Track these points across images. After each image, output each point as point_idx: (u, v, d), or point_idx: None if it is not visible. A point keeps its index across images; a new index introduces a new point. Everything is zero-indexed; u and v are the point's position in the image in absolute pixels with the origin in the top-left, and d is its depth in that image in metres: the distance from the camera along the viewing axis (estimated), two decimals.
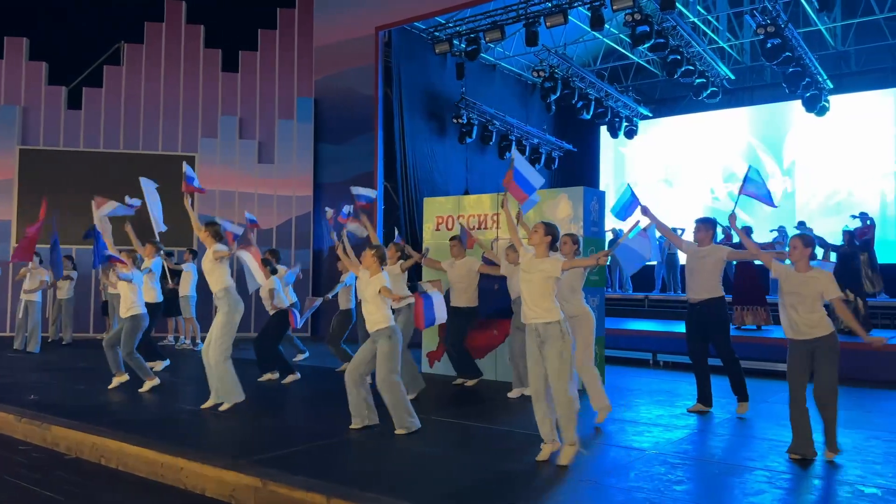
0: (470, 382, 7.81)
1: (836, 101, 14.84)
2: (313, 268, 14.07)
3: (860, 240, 10.84)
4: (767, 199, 5.99)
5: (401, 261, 7.29)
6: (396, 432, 5.36)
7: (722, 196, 16.80)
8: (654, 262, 15.08)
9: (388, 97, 13.80)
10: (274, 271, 7.87)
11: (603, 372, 7.86)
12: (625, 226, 6.58)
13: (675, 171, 17.71)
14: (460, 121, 15.08)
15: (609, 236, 15.20)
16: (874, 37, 14.99)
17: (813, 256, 4.95)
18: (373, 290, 5.44)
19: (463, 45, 14.03)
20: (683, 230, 12.17)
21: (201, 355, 6.49)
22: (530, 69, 16.09)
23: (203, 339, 9.99)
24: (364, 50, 13.81)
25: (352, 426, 5.49)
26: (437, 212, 8.89)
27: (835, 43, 15.23)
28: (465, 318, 7.61)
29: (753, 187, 5.97)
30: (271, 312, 7.94)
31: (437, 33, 14.29)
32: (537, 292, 4.62)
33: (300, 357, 9.49)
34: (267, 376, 8.13)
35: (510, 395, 7.13)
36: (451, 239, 7.81)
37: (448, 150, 15.39)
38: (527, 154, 17.00)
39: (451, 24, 14.12)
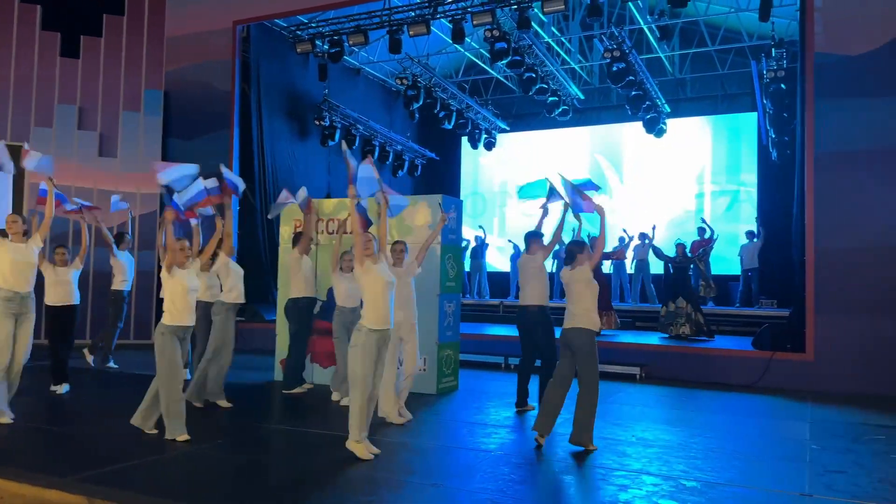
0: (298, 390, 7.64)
1: (673, 124, 16.16)
2: (157, 270, 13.24)
3: (693, 252, 11.84)
4: (578, 207, 6.17)
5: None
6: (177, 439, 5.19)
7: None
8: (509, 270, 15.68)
9: (245, 94, 13.32)
10: None
11: (457, 376, 8.04)
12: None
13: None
14: (322, 123, 14.87)
15: (471, 244, 15.61)
16: (707, 67, 16.49)
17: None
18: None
19: (326, 47, 13.86)
20: (648, 236, 12.94)
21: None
22: (394, 76, 16.18)
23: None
24: (221, 43, 13.24)
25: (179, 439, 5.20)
26: (296, 214, 8.68)
27: (673, 70, 16.58)
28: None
29: (559, 195, 6.53)
30: None
31: (299, 32, 14.01)
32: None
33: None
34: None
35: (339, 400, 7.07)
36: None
37: (309, 153, 15.11)
38: (390, 160, 17.07)
39: (313, 25, 13.90)
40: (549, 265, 11.37)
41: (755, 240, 13.46)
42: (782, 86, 12.46)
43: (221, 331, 6.68)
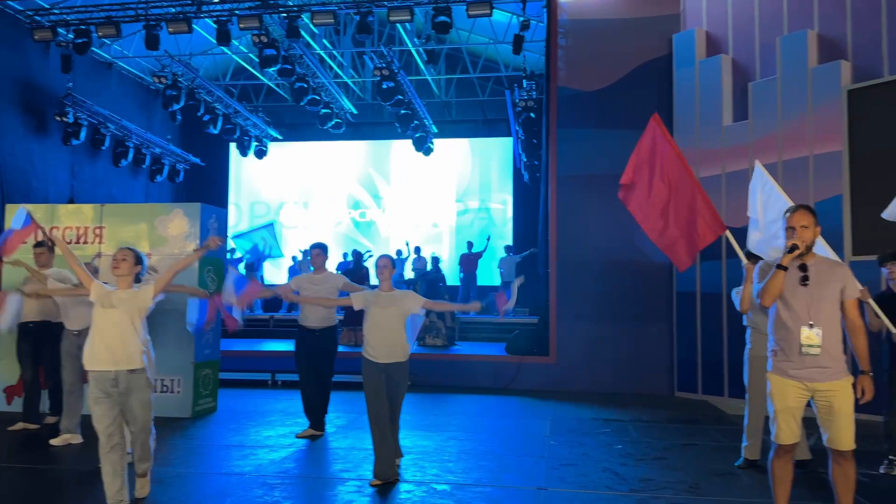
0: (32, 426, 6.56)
1: (440, 144, 16.99)
2: None
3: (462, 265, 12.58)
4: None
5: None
6: None
7: (346, 221, 17.79)
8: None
9: None
10: None
11: (216, 396, 7.62)
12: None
13: (306, 195, 18.18)
14: (65, 119, 13.29)
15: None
16: (470, 92, 17.60)
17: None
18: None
19: (71, 36, 12.45)
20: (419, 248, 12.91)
21: None
22: (153, 74, 15.01)
23: None
24: None
25: None
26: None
27: (440, 93, 17.45)
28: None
29: None
30: None
31: (38, 17, 12.43)
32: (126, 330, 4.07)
33: None
34: None
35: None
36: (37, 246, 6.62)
37: (49, 152, 13.41)
38: (147, 164, 15.77)
39: (56, 11, 12.44)
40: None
41: (512, 254, 14.61)
42: (532, 114, 13.70)
43: None
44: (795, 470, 3.74)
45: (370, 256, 12.82)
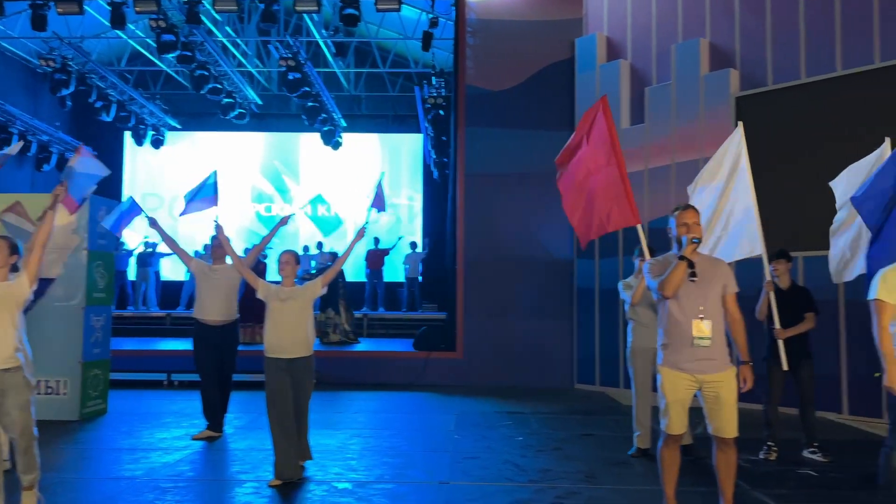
0: None
1: (349, 138, 16.78)
2: None
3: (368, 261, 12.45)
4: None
5: None
6: None
7: (250, 214, 17.28)
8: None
9: None
10: None
11: (107, 398, 7.24)
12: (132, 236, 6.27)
13: None
14: None
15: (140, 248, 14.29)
16: (380, 87, 17.47)
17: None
18: None
19: None
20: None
21: None
22: (40, 56, 14.04)
23: None
24: None
25: None
26: None
27: (349, 87, 17.23)
28: None
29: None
30: None
31: None
32: None
33: None
34: None
35: None
36: None
37: None
38: (33, 151, 14.76)
39: None
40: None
41: (417, 250, 14.64)
42: (441, 112, 13.78)
43: None
44: (682, 457, 3.92)
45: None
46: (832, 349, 7.26)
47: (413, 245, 14.93)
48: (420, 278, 14.69)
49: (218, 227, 6.00)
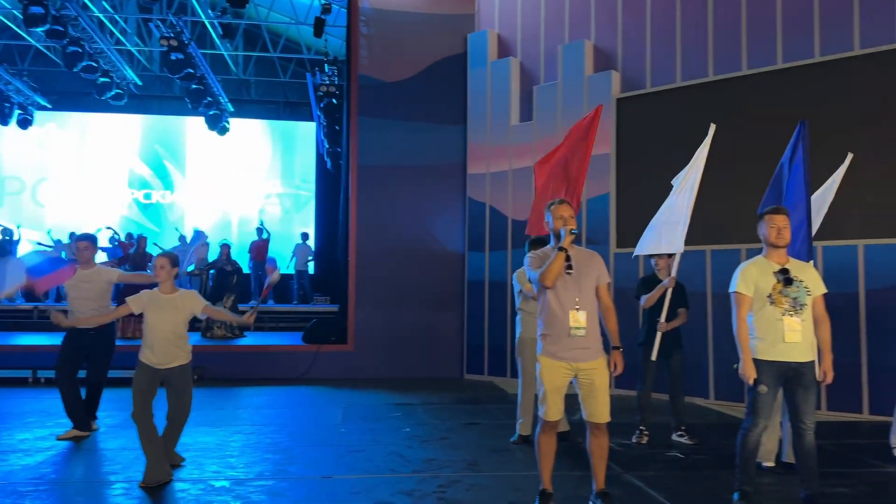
0: None
1: (237, 124, 16.19)
2: None
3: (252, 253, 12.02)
4: None
5: None
6: None
7: (127, 199, 16.34)
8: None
9: None
10: None
11: None
12: None
13: (79, 171, 16.37)
14: None
15: None
16: (270, 72, 16.95)
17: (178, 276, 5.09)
18: None
19: None
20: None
21: None
22: None
23: None
24: None
25: None
26: None
27: (237, 70, 16.62)
28: None
29: None
30: None
31: None
32: None
33: None
34: None
35: None
36: None
37: None
38: None
39: None
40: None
41: (307, 241, 14.36)
42: (334, 101, 13.54)
43: None
44: (558, 443, 4.06)
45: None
46: (701, 339, 7.75)
47: (305, 236, 14.62)
48: (311, 270, 14.42)
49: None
